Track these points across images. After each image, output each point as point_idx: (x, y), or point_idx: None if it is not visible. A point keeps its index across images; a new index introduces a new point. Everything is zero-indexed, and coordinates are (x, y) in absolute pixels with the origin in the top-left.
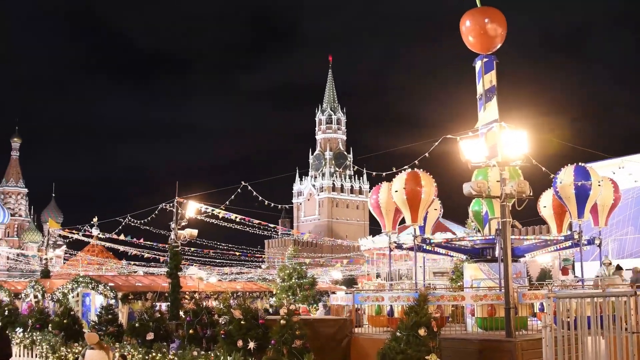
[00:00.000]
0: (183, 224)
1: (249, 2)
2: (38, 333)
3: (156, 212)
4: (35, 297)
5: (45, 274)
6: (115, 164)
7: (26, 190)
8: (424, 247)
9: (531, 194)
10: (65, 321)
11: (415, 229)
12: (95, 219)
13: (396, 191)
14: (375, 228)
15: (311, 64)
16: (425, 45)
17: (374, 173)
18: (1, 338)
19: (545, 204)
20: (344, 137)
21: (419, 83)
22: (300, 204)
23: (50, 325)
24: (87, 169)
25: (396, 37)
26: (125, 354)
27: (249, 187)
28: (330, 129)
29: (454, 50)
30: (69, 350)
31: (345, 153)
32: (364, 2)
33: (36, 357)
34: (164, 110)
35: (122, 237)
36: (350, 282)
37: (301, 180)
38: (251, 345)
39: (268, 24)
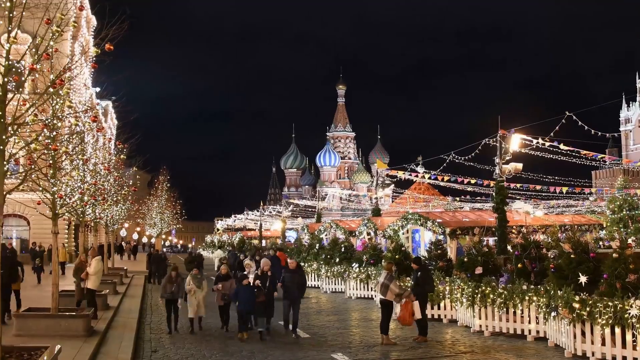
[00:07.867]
0: (507, 158)
1: None
2: (372, 268)
3: (479, 147)
4: (368, 234)
5: (376, 212)
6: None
7: (353, 134)
8: None
9: None
10: (397, 256)
11: None
12: (419, 158)
13: None
14: None
15: None
16: None
17: None
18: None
19: None
20: None
21: None
22: (630, 131)
23: (383, 260)
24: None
25: None
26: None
27: (574, 117)
28: None
29: None
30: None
31: None
32: None
33: (371, 290)
34: None
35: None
36: None
37: (628, 106)
38: (582, 279)
39: None
